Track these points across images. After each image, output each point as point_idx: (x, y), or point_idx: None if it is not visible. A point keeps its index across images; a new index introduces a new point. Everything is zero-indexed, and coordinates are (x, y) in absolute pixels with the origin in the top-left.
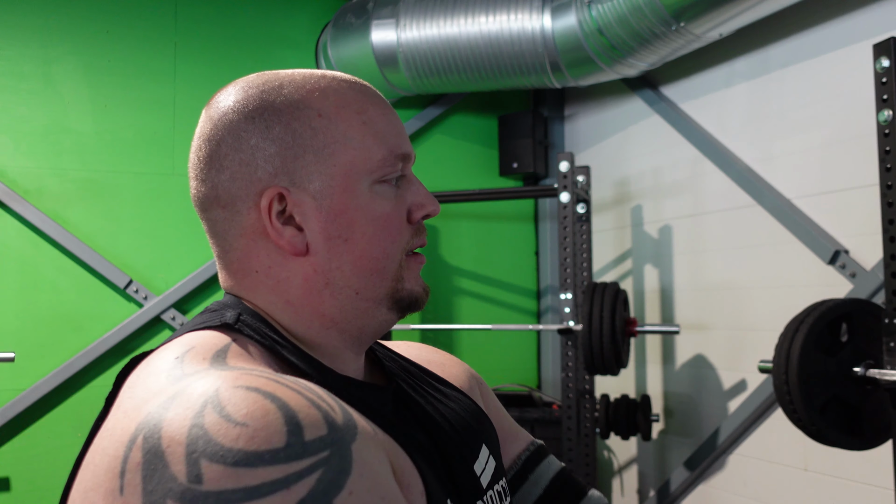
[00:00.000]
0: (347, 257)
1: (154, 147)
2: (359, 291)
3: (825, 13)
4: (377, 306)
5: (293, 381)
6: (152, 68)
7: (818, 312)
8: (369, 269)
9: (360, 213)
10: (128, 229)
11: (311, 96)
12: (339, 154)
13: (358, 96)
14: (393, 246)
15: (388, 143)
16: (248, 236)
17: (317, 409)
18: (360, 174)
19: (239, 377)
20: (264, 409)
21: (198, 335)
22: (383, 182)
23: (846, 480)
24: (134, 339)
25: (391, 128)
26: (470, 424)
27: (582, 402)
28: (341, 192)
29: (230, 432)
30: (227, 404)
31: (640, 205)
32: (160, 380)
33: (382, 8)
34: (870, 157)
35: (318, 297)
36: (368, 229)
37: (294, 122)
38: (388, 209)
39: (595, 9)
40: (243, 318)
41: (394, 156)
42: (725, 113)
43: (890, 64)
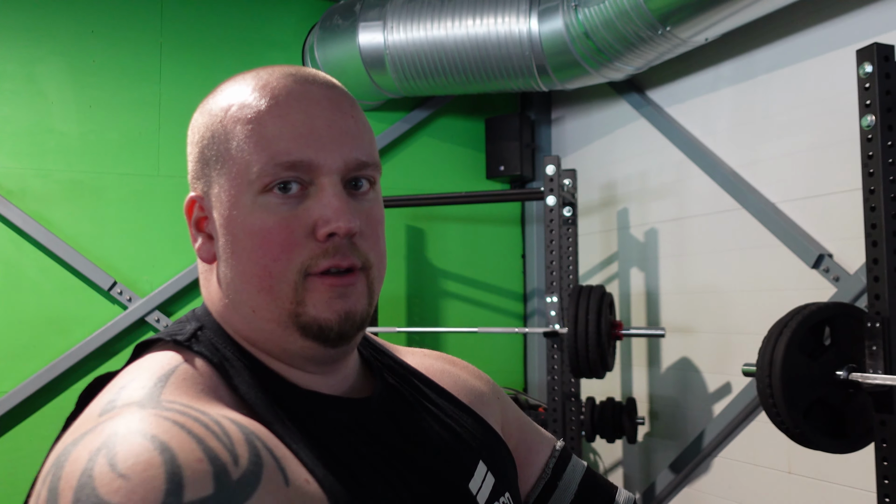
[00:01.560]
0: (233, 271)
1: (139, 148)
2: (255, 310)
3: (809, 19)
4: (283, 329)
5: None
6: (137, 69)
7: (801, 316)
8: (253, 285)
9: (240, 226)
10: (112, 231)
11: (223, 101)
12: (229, 163)
13: (260, 98)
14: (275, 264)
15: (272, 149)
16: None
17: (210, 463)
18: (242, 184)
19: (149, 419)
20: (148, 462)
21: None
22: (268, 193)
23: (829, 483)
24: (118, 341)
25: (290, 131)
26: (465, 440)
27: (568, 404)
28: (229, 202)
29: (112, 484)
30: (118, 452)
31: (627, 208)
32: (95, 409)
33: (370, 10)
34: (854, 162)
35: (228, 311)
36: (248, 244)
37: (206, 129)
38: (270, 223)
39: (582, 12)
40: (201, 333)
41: (274, 164)
42: (711, 117)
43: (873, 69)
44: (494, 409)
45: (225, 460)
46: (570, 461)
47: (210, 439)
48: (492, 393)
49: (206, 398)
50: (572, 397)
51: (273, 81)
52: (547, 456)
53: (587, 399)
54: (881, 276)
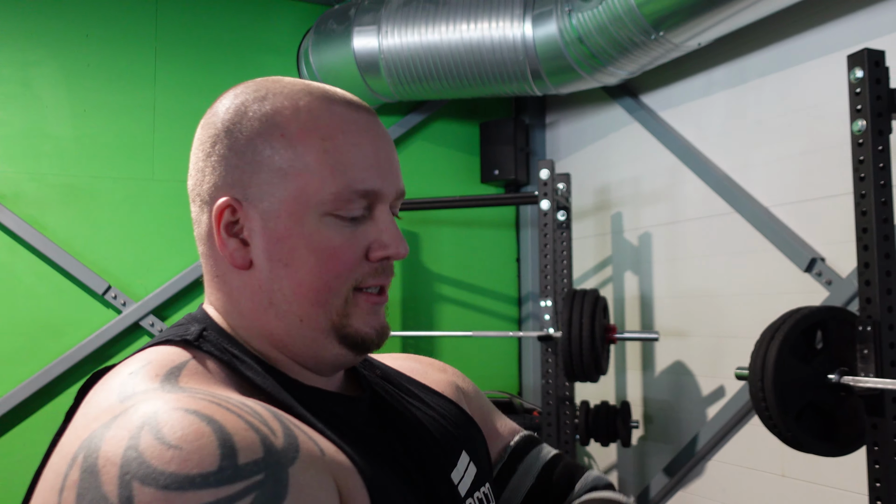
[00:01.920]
0: (287, 282)
1: (133, 152)
2: (302, 319)
3: (801, 24)
4: (325, 338)
5: (237, 403)
6: (132, 73)
7: (793, 320)
8: (309, 298)
9: (303, 241)
10: (107, 235)
11: (282, 114)
12: (292, 179)
13: (332, 120)
14: (335, 280)
15: (348, 176)
16: (210, 237)
17: (255, 431)
18: (309, 204)
19: (181, 399)
20: (199, 431)
21: (157, 351)
22: (336, 216)
23: (822, 486)
24: (112, 346)
25: (362, 160)
26: (449, 431)
27: (562, 408)
28: (287, 216)
29: (164, 455)
30: (163, 427)
31: (620, 212)
32: (111, 398)
33: (364, 15)
34: (845, 166)
35: (265, 314)
36: (310, 259)
37: (258, 137)
38: (336, 242)
39: (576, 17)
40: (206, 333)
41: (350, 191)
42: (704, 121)
43: (863, 74)
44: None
45: (266, 431)
46: (536, 447)
47: (245, 413)
48: (461, 385)
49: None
50: (567, 401)
51: (337, 106)
52: (506, 441)
53: (581, 403)
54: (872, 279)
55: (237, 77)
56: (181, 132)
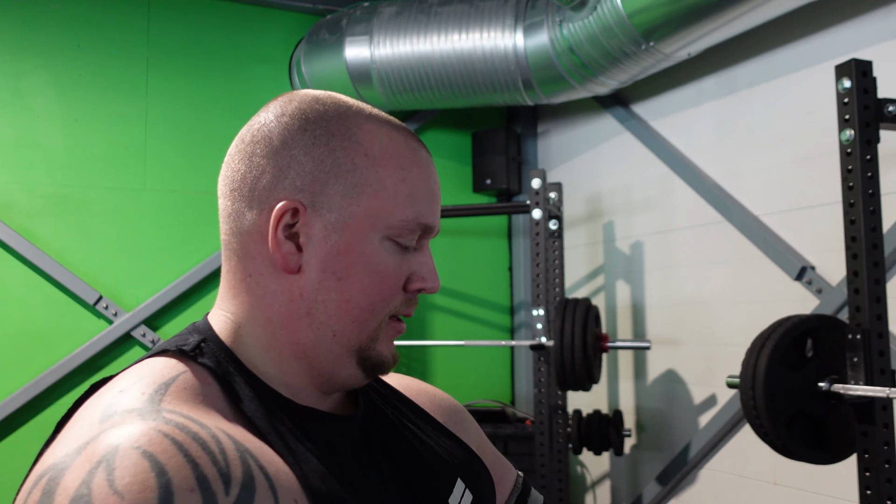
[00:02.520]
0: (335, 295)
1: (125, 162)
2: (336, 333)
3: (789, 35)
4: (348, 357)
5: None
6: (124, 83)
7: (784, 328)
8: (352, 315)
9: (362, 259)
10: (98, 245)
11: (366, 133)
12: (367, 198)
13: (409, 153)
14: (381, 303)
15: (417, 208)
16: (252, 235)
17: (201, 492)
18: (377, 225)
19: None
20: (144, 482)
21: (152, 364)
22: (395, 241)
23: (815, 494)
24: (103, 356)
25: (426, 196)
26: (444, 458)
27: (554, 417)
28: (353, 233)
29: (108, 501)
30: (117, 468)
31: (612, 221)
32: (94, 416)
33: (356, 25)
34: (835, 176)
35: (297, 323)
36: (365, 278)
37: (339, 150)
38: (391, 267)
39: (566, 28)
40: (205, 345)
41: (416, 223)
42: (694, 131)
43: (851, 84)
44: (468, 431)
45: (216, 489)
46: (531, 494)
47: (205, 464)
48: (464, 415)
49: (206, 409)
50: (559, 410)
51: (410, 139)
52: (511, 487)
53: (574, 412)
54: (861, 288)
55: (229, 87)
56: (173, 142)
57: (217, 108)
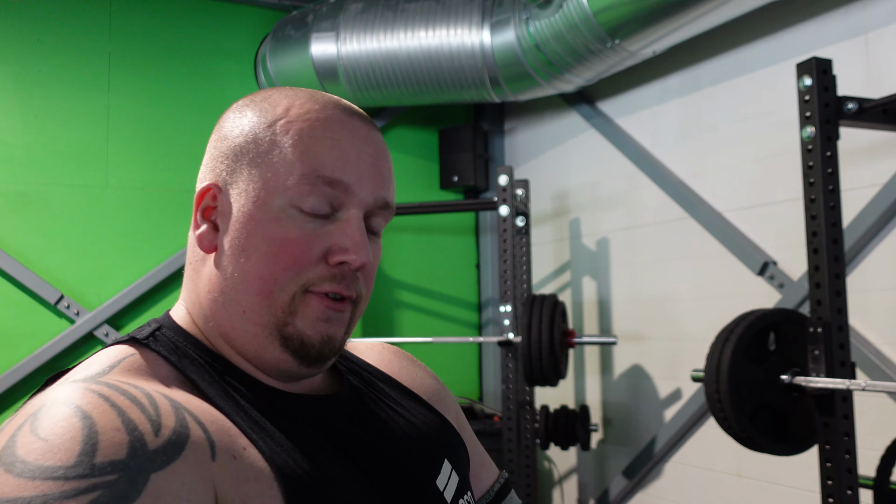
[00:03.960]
0: (239, 270)
1: (87, 159)
2: (245, 311)
3: (752, 33)
4: (266, 336)
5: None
6: (85, 78)
7: (747, 322)
8: (255, 287)
9: (261, 226)
10: (59, 243)
11: (277, 109)
12: (265, 167)
13: (320, 117)
14: (284, 273)
15: (317, 162)
16: (192, 225)
17: (128, 432)
18: (275, 190)
19: (78, 390)
20: (68, 426)
21: (105, 351)
22: (298, 209)
23: (777, 485)
24: (65, 357)
25: (333, 151)
26: (431, 438)
27: (522, 413)
28: (253, 202)
29: (31, 445)
30: (43, 419)
31: (579, 218)
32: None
33: (322, 21)
34: (796, 172)
35: (215, 306)
36: (263, 246)
37: (255, 129)
38: (292, 235)
39: (533, 25)
40: (160, 332)
41: (314, 175)
42: (659, 128)
43: (812, 82)
44: (451, 410)
45: (143, 430)
46: (510, 492)
47: (133, 411)
48: (447, 394)
49: (149, 378)
50: (527, 406)
51: (330, 108)
52: (493, 480)
53: (541, 407)
54: (822, 282)
55: (194, 83)
56: (136, 139)
57: (181, 104)
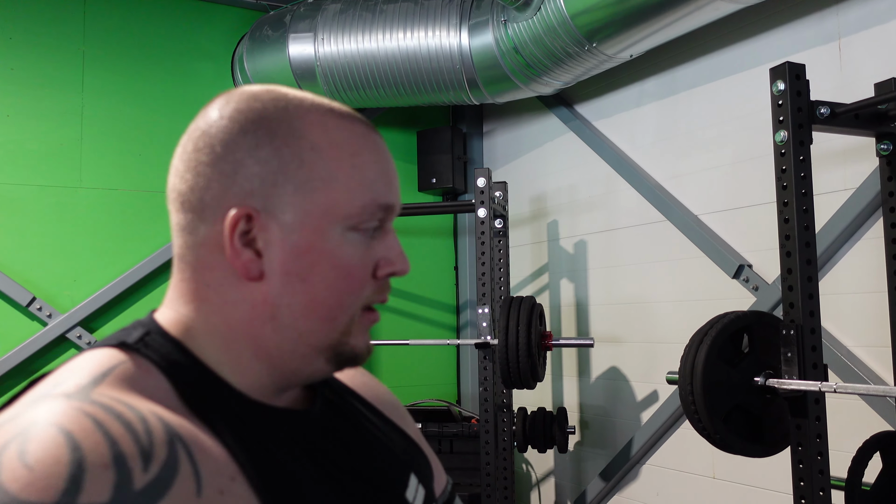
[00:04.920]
0: (300, 297)
1: (60, 159)
2: (303, 335)
3: (727, 38)
4: (317, 355)
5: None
6: (59, 77)
7: (721, 325)
8: (320, 315)
9: (325, 256)
10: (31, 244)
11: (310, 126)
12: (320, 192)
13: (357, 138)
14: (350, 297)
15: (374, 191)
16: (207, 247)
17: (116, 470)
18: (336, 217)
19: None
20: (56, 457)
21: (90, 356)
22: (357, 230)
23: (752, 487)
24: (37, 359)
25: (381, 177)
26: (396, 454)
27: (500, 415)
28: (311, 230)
29: (16, 473)
30: (31, 441)
31: (557, 220)
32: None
33: (300, 21)
34: (771, 176)
35: (260, 328)
36: (330, 275)
37: (285, 147)
38: (356, 259)
39: (511, 28)
40: (149, 337)
41: (376, 205)
42: (636, 131)
43: (785, 87)
44: (409, 425)
45: (132, 466)
46: (455, 498)
47: (125, 441)
48: (403, 411)
49: (142, 396)
50: (504, 408)
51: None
52: (443, 487)
53: (519, 409)
54: (795, 285)
55: (170, 83)
56: (111, 139)
57: (157, 104)
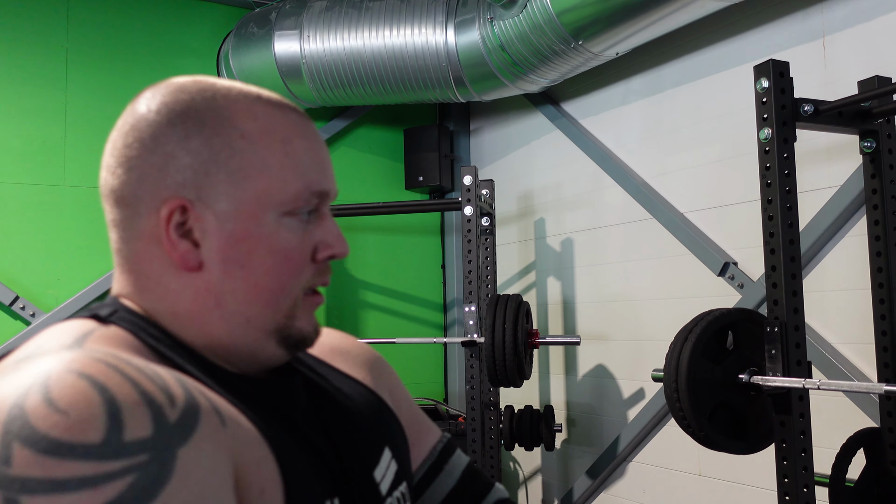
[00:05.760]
0: (241, 283)
1: (43, 157)
2: (249, 319)
3: (712, 36)
4: (266, 338)
5: (137, 367)
6: (42, 75)
7: (705, 322)
8: (263, 299)
9: (262, 242)
10: (14, 243)
11: (239, 115)
12: (253, 180)
13: (288, 125)
14: (291, 281)
15: (307, 177)
16: (144, 240)
17: (147, 405)
18: (270, 204)
19: (77, 360)
20: (88, 399)
21: (61, 325)
22: (292, 215)
23: (737, 484)
24: None
25: (314, 162)
26: (371, 425)
27: (487, 414)
28: (247, 217)
29: (49, 418)
30: (53, 388)
31: (543, 218)
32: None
33: (286, 19)
34: (755, 173)
35: (207, 315)
36: (268, 260)
37: (215, 137)
38: (293, 243)
39: (497, 25)
40: (119, 313)
41: (310, 192)
42: (622, 129)
43: (769, 84)
44: (385, 380)
45: (161, 402)
46: (455, 451)
47: (145, 381)
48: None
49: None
50: (491, 406)
51: (288, 111)
52: (436, 439)
53: (506, 407)
54: (779, 282)
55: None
56: (95, 136)
57: None
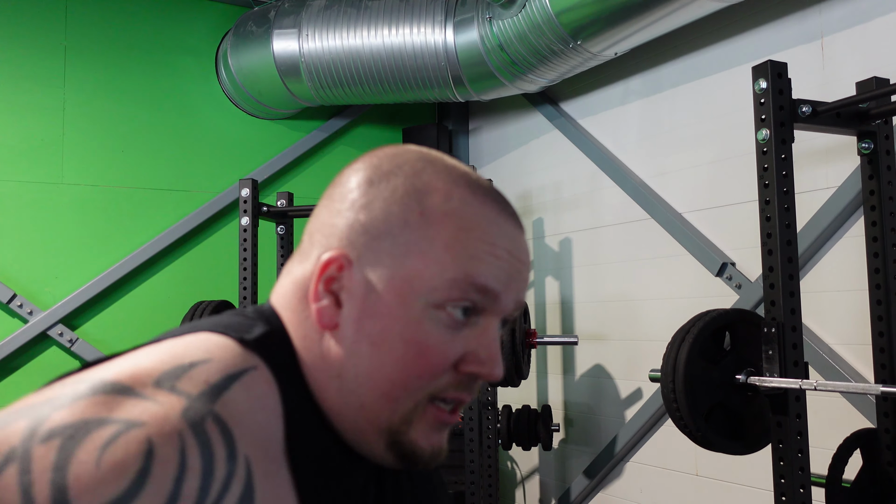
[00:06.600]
0: (366, 362)
1: (41, 155)
2: (364, 406)
3: (711, 37)
4: (376, 435)
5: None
6: (40, 72)
7: (703, 322)
8: (382, 389)
9: (399, 326)
10: (11, 241)
11: (432, 193)
12: (412, 258)
13: (478, 214)
14: (417, 379)
15: (471, 268)
16: (307, 281)
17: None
18: (421, 288)
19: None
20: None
21: (204, 341)
22: (442, 309)
23: (734, 484)
24: (18, 357)
25: (489, 257)
26: None
27: (484, 413)
28: (393, 295)
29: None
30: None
31: (542, 218)
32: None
33: (284, 17)
34: (753, 174)
35: (327, 383)
36: (399, 347)
37: (396, 205)
38: (433, 340)
39: (496, 25)
40: (270, 341)
41: (468, 283)
42: (621, 129)
43: (767, 85)
44: None
45: None
46: None
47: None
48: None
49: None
50: (489, 406)
51: (489, 202)
52: None
53: (503, 407)
54: (776, 283)
55: (152, 78)
56: (93, 134)
57: (139, 100)
